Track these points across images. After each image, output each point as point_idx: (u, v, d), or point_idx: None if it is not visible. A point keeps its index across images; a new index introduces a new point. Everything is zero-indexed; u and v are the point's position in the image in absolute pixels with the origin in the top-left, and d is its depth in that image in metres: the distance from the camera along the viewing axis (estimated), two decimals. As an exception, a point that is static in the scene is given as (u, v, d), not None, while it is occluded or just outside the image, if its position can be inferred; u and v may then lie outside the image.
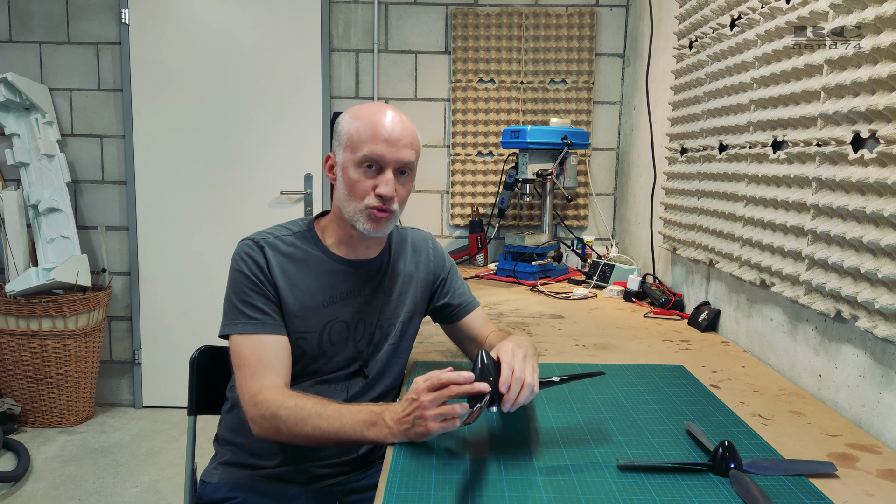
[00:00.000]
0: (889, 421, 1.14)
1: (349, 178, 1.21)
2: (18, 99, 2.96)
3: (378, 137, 1.18)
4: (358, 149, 1.19)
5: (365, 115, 1.21)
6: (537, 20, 3.06)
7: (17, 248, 3.03)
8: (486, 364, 1.04)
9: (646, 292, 2.21)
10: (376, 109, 1.22)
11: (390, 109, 1.22)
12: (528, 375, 1.05)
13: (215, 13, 3.12)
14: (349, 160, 1.21)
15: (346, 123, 1.22)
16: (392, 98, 3.16)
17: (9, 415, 2.98)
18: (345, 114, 1.25)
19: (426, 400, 1.00)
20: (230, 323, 1.21)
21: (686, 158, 2.09)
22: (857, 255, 1.18)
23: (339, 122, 1.24)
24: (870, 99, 1.14)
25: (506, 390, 1.02)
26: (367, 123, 1.19)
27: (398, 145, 1.20)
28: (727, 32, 1.79)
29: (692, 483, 0.94)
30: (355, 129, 1.20)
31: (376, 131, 1.18)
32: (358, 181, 1.20)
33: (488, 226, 3.06)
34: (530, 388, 1.04)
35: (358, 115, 1.22)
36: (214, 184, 3.20)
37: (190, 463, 1.47)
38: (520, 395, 1.02)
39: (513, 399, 1.02)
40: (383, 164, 1.20)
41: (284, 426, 1.10)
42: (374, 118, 1.20)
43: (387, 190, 1.19)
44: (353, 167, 1.20)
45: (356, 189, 1.20)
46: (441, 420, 1.00)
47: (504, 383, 1.02)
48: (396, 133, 1.19)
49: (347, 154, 1.21)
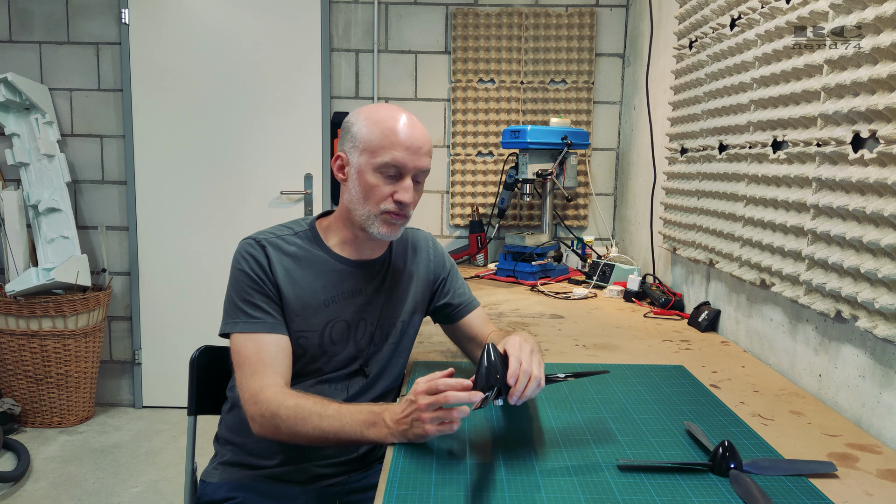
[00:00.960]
0: (889, 421, 1.14)
1: (366, 182, 1.20)
2: (18, 99, 2.96)
3: (400, 144, 1.18)
4: (378, 154, 1.18)
5: (384, 120, 1.20)
6: (537, 20, 3.06)
7: (17, 248, 3.03)
8: (492, 357, 1.04)
9: (646, 292, 2.21)
10: (395, 114, 1.21)
11: (406, 114, 1.22)
12: (536, 369, 1.06)
13: (215, 13, 3.12)
14: (367, 164, 1.20)
15: (362, 126, 1.21)
16: (392, 98, 3.16)
17: (9, 415, 2.98)
18: (357, 115, 1.23)
19: (424, 403, 1.00)
20: (231, 322, 1.21)
21: (686, 158, 2.09)
22: (857, 255, 1.18)
23: (353, 122, 1.23)
24: (870, 99, 1.14)
25: (513, 383, 1.02)
26: (387, 129, 1.19)
27: (419, 153, 1.20)
28: (727, 32, 1.79)
29: (692, 483, 0.94)
30: (375, 133, 1.19)
31: (398, 138, 1.18)
32: (376, 186, 1.20)
33: (488, 226, 3.06)
34: (537, 382, 1.05)
35: (376, 118, 1.20)
36: (214, 184, 3.20)
37: (190, 463, 1.47)
38: (527, 388, 1.03)
39: (520, 391, 1.02)
40: (404, 171, 1.20)
41: (284, 425, 1.11)
42: (393, 123, 1.19)
43: (407, 197, 1.20)
44: (371, 171, 1.20)
45: (373, 193, 1.20)
46: (438, 423, 1.00)
47: (512, 375, 1.03)
48: (418, 141, 1.20)
49: (365, 157, 1.20)
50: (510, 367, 1.04)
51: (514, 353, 1.06)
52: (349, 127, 1.24)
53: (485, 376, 1.02)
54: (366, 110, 1.23)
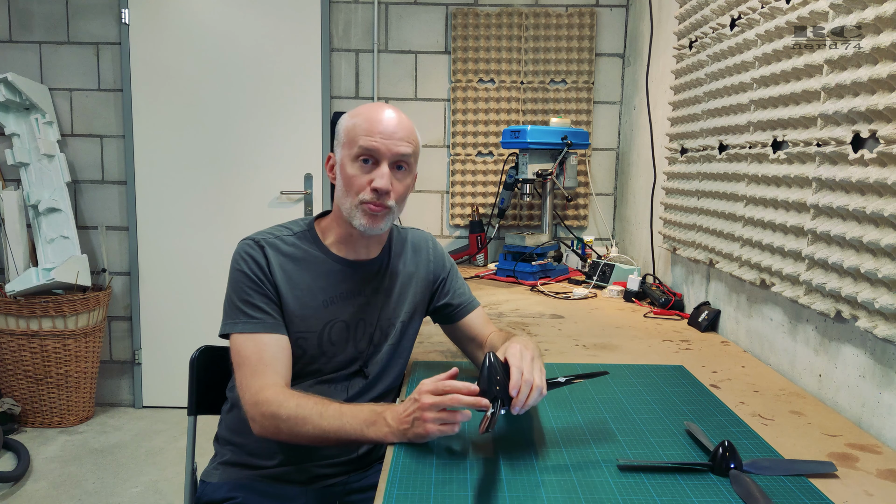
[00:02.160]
0: (889, 421, 1.14)
1: (346, 174, 1.22)
2: (18, 99, 2.96)
3: (374, 131, 1.20)
4: (354, 143, 1.21)
5: (362, 112, 1.23)
6: (537, 20, 3.06)
7: (17, 248, 3.03)
8: (493, 367, 1.03)
9: (646, 292, 2.21)
10: (374, 106, 1.24)
11: (388, 107, 1.24)
12: (537, 378, 1.05)
13: (215, 13, 3.12)
14: (346, 156, 1.22)
15: (344, 122, 1.25)
16: (392, 98, 3.16)
17: (9, 415, 2.98)
18: (346, 114, 1.27)
19: (427, 402, 1.00)
20: (230, 322, 1.21)
21: (686, 158, 2.09)
22: (857, 255, 1.18)
23: (339, 122, 1.26)
24: (870, 99, 1.14)
25: (515, 394, 1.02)
26: (363, 118, 1.21)
27: (394, 138, 1.21)
28: (727, 32, 1.79)
29: (692, 483, 0.94)
30: (353, 125, 1.22)
31: (372, 126, 1.20)
32: (354, 176, 1.21)
33: (488, 226, 3.06)
34: (539, 391, 1.04)
35: (356, 112, 1.24)
36: (214, 184, 3.20)
37: (190, 463, 1.47)
38: (529, 398, 1.02)
39: (522, 402, 1.02)
40: (379, 157, 1.20)
41: (285, 425, 1.11)
42: (370, 114, 1.22)
43: (382, 183, 1.19)
44: (349, 162, 1.22)
45: (352, 184, 1.21)
46: (440, 424, 1.00)
47: (514, 387, 1.02)
48: (392, 127, 1.21)
49: (345, 150, 1.23)
50: (512, 378, 1.03)
51: (515, 362, 1.05)
52: (337, 127, 1.27)
53: (486, 388, 1.01)
54: (353, 109, 1.27)
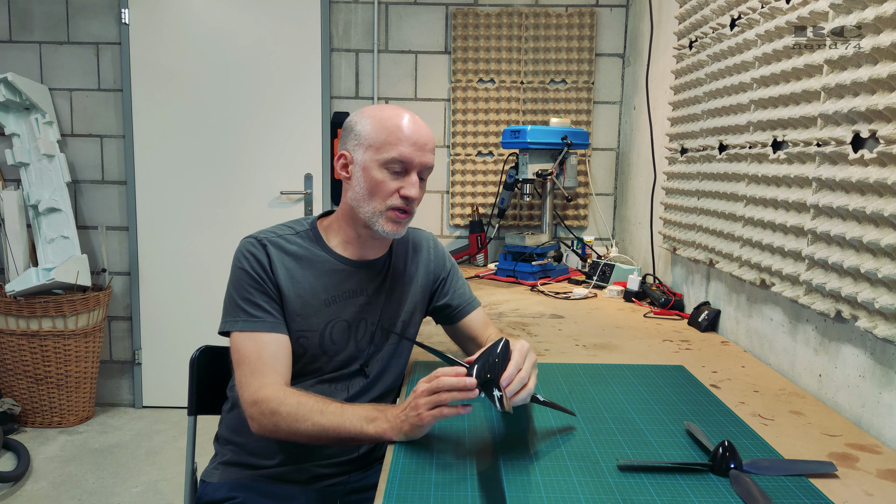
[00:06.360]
0: (889, 421, 1.14)
1: (372, 178, 1.21)
2: (18, 99, 2.97)
3: (406, 140, 1.20)
4: (383, 150, 1.20)
5: (390, 118, 1.22)
6: (537, 20, 3.06)
7: (17, 248, 3.03)
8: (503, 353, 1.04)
9: (646, 292, 2.21)
10: (399, 112, 1.23)
11: (409, 113, 1.24)
12: (531, 382, 1.07)
13: (215, 13, 3.12)
14: (372, 160, 1.21)
15: (366, 124, 1.23)
16: (392, 98, 3.16)
17: (9, 415, 2.98)
18: (360, 114, 1.25)
19: (420, 389, 1.01)
20: (231, 320, 1.21)
21: (686, 158, 2.09)
22: (857, 255, 1.18)
23: (356, 122, 1.24)
24: (870, 99, 1.14)
25: (506, 385, 1.02)
26: (393, 125, 1.20)
27: (424, 149, 1.22)
28: (727, 32, 1.79)
29: (692, 483, 0.94)
30: (381, 130, 1.21)
31: (404, 134, 1.20)
32: (382, 182, 1.21)
33: (488, 226, 3.06)
34: (528, 393, 1.06)
35: (381, 116, 1.22)
36: (214, 184, 3.20)
37: (190, 463, 1.47)
38: (517, 395, 1.03)
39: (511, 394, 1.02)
40: (410, 166, 1.21)
41: (284, 423, 1.11)
42: (398, 120, 1.21)
43: (413, 192, 1.21)
44: (377, 168, 1.21)
45: (379, 189, 1.21)
46: (431, 408, 1.00)
47: (507, 378, 1.02)
48: (424, 137, 1.22)
49: (371, 154, 1.21)
50: (507, 370, 1.03)
51: (517, 358, 1.06)
52: (353, 126, 1.25)
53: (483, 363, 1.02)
54: (369, 110, 1.25)
